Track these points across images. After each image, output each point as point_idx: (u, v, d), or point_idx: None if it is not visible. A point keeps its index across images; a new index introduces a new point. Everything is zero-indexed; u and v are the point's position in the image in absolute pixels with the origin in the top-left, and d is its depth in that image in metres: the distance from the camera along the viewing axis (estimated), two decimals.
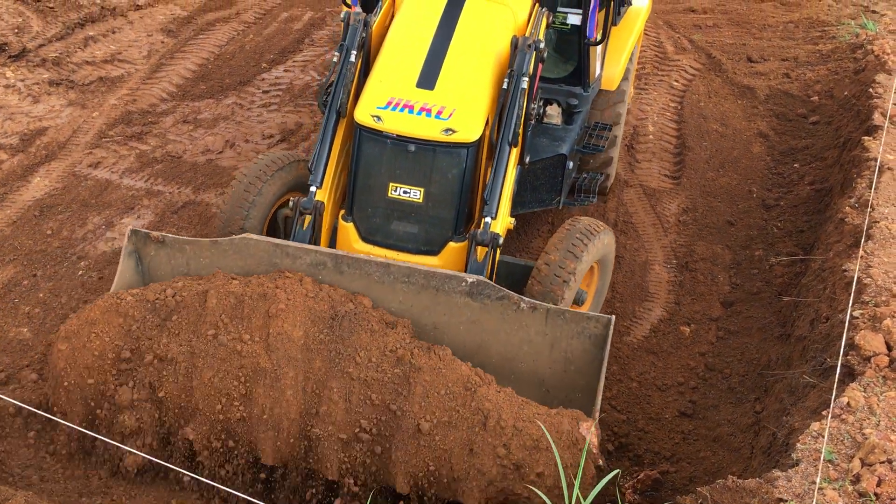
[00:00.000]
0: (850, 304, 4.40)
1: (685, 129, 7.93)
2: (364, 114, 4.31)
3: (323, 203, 4.37)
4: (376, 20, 4.70)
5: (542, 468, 3.59)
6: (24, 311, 5.34)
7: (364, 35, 4.52)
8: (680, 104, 8.44)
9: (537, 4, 4.88)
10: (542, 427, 3.59)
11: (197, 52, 8.77)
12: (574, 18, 5.18)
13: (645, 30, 10.14)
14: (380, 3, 4.87)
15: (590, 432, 3.66)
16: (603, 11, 5.25)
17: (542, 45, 4.49)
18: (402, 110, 4.28)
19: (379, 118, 4.27)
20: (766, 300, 5.88)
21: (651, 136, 7.81)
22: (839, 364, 4.02)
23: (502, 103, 4.38)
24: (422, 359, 3.78)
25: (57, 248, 5.87)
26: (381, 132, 4.27)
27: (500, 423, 3.62)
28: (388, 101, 4.31)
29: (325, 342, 3.78)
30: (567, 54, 5.35)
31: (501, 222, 4.38)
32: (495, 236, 4.22)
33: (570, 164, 5.38)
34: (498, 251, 4.29)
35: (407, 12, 4.72)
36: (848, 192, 5.94)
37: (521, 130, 4.44)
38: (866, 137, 6.50)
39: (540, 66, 4.56)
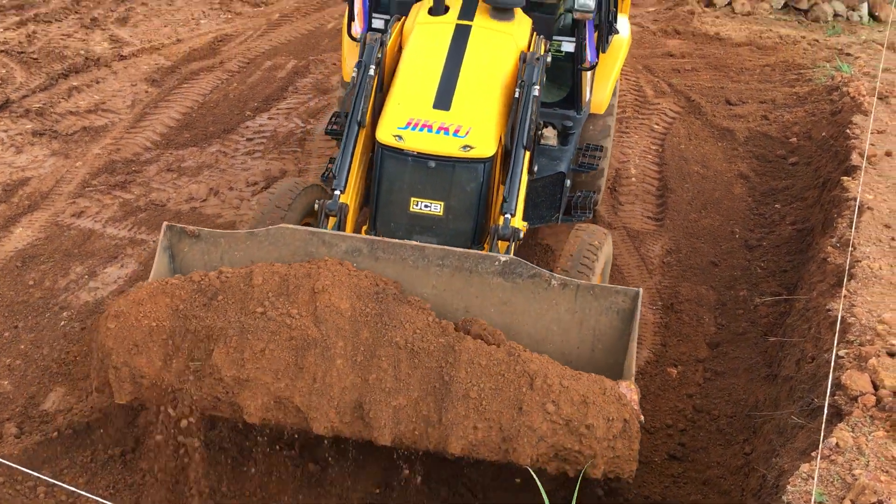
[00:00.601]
0: (836, 344, 4.41)
1: (667, 171, 8.01)
2: (386, 134, 4.62)
3: (347, 205, 4.56)
4: (389, 41, 5.06)
5: (592, 420, 3.71)
6: (4, 364, 5.27)
7: (380, 54, 4.89)
8: (661, 147, 8.54)
9: (535, 33, 5.32)
10: (588, 382, 3.78)
11: (181, 101, 8.82)
12: (568, 46, 5.62)
13: (625, 74, 10.31)
14: (388, 31, 5.21)
15: (630, 390, 3.86)
16: (599, 38, 5.73)
17: (548, 59, 5.00)
18: (421, 130, 4.60)
19: (400, 137, 4.58)
20: (751, 340, 5.89)
21: (633, 179, 7.89)
22: (826, 404, 4.01)
23: (515, 111, 4.74)
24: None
25: (39, 299, 5.81)
26: (403, 150, 4.58)
27: (546, 381, 3.74)
28: (407, 121, 4.64)
29: (371, 314, 3.85)
30: (561, 80, 5.76)
31: (517, 222, 4.61)
32: (516, 230, 4.47)
33: (568, 182, 5.73)
34: (517, 245, 4.50)
35: (417, 41, 5.10)
36: (829, 231, 6.00)
37: (533, 136, 4.80)
38: (845, 178, 6.59)
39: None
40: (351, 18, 5.73)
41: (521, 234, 4.55)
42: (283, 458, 4.41)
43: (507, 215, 4.51)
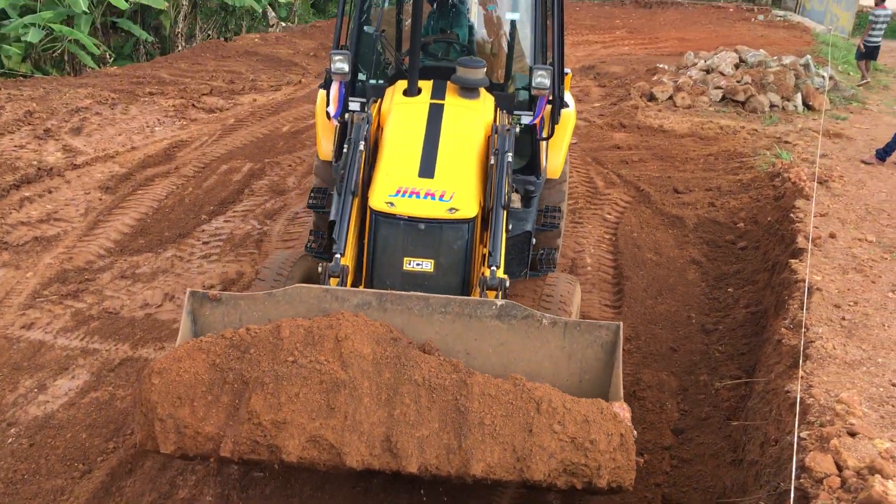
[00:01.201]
0: (797, 426, 4.42)
1: (621, 259, 8.14)
2: (378, 201, 5.01)
3: (347, 267, 4.95)
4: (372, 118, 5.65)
5: (594, 436, 4.11)
6: None
7: (367, 131, 5.41)
8: (614, 235, 8.70)
9: (498, 108, 5.93)
10: (587, 404, 4.18)
11: (135, 207, 8.80)
12: (526, 119, 6.19)
13: (575, 167, 10.58)
14: (369, 112, 5.73)
15: (622, 409, 4.27)
16: (548, 112, 6.24)
17: (517, 130, 5.63)
18: (410, 196, 5.03)
19: (392, 204, 4.98)
20: (715, 425, 5.88)
21: (589, 268, 7.99)
22: (793, 488, 4.00)
23: (492, 176, 5.24)
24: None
25: None
26: (395, 215, 4.97)
27: (551, 405, 4.14)
28: (397, 189, 5.07)
29: (391, 357, 4.24)
30: (522, 150, 6.27)
31: (501, 273, 4.96)
32: (502, 280, 4.83)
33: (534, 241, 6.30)
34: (503, 294, 4.84)
35: (397, 119, 5.64)
36: (782, 313, 6.10)
37: (508, 197, 5.23)
38: (793, 260, 6.76)
39: None
40: (328, 103, 6.11)
41: (507, 284, 4.87)
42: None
43: (493, 267, 4.87)
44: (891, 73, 18.13)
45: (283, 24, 22.87)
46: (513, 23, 6.68)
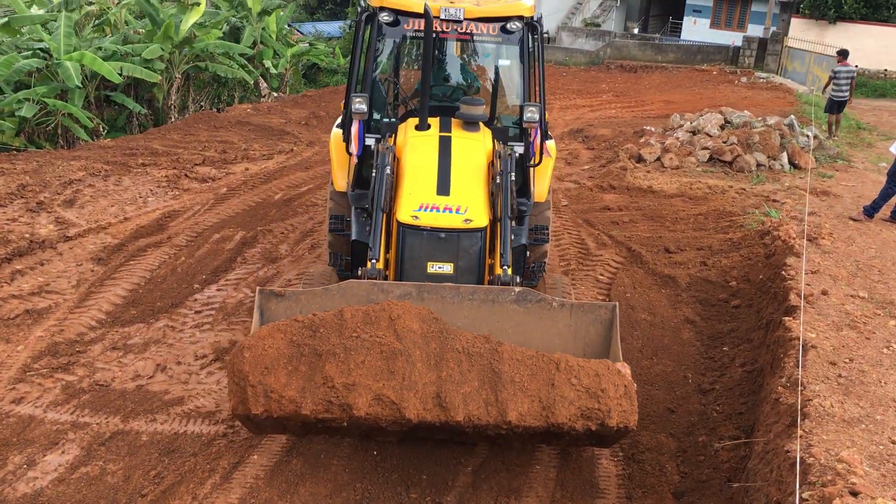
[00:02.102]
0: (798, 487, 4.36)
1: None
2: (405, 215, 5.96)
3: (382, 270, 5.88)
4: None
5: (605, 385, 5.01)
6: None
7: (390, 159, 6.39)
8: (607, 296, 8.71)
9: (495, 139, 6.91)
10: (596, 363, 5.08)
11: (128, 277, 8.78)
12: (519, 149, 7.11)
13: (566, 228, 10.64)
14: (390, 144, 6.73)
15: (624, 366, 5.17)
16: (538, 142, 7.16)
17: (516, 155, 6.71)
18: (431, 210, 5.99)
19: (416, 217, 5.94)
20: (716, 487, 5.79)
21: None
22: None
23: (498, 193, 6.19)
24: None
25: None
26: (420, 227, 5.92)
27: (568, 364, 5.05)
28: (419, 205, 6.02)
29: (435, 332, 5.10)
30: (515, 176, 6.93)
31: (510, 272, 5.93)
32: (513, 277, 5.84)
33: (528, 254, 7.40)
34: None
35: (413, 149, 6.60)
36: (778, 372, 6.07)
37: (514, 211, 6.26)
38: (787, 318, 6.75)
39: None
40: (347, 140, 7.05)
41: (518, 280, 5.84)
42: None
43: (504, 267, 5.91)
44: (874, 131, 18.44)
45: (275, 95, 23.23)
46: (497, 69, 7.94)
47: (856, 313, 7.09)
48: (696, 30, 35.34)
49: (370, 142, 7.11)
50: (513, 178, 6.32)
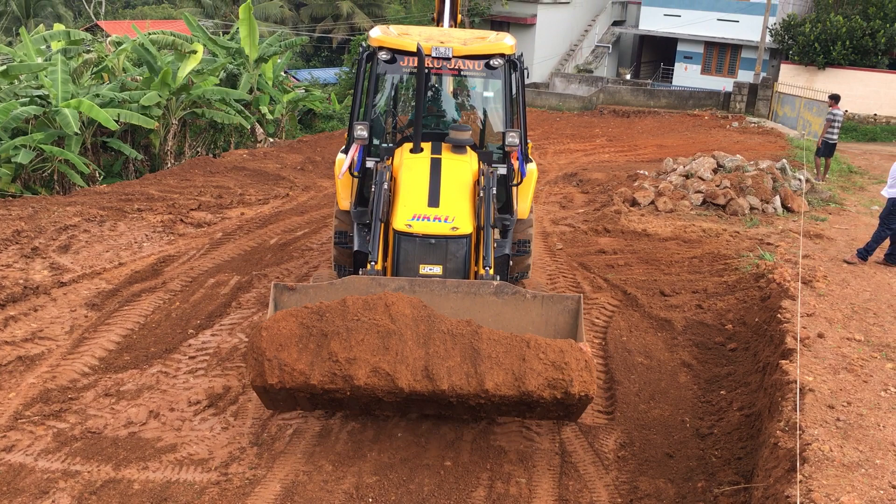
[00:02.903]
0: None
1: (612, 363, 8.09)
2: (400, 224, 6.82)
3: (381, 271, 6.80)
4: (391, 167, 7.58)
5: (568, 360, 5.80)
6: None
7: (388, 177, 7.26)
8: (604, 340, 8.68)
9: (481, 161, 7.75)
10: (561, 342, 5.88)
11: (121, 323, 8.73)
12: (502, 170, 8.04)
13: (562, 272, 10.65)
14: (388, 165, 7.56)
15: (585, 345, 6.04)
16: (517, 164, 7.97)
17: (498, 173, 7.67)
18: (423, 220, 6.84)
19: (410, 226, 6.79)
20: None
21: None
22: None
23: (482, 205, 7.05)
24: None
25: None
26: (413, 234, 6.77)
27: (537, 342, 5.85)
28: (412, 215, 6.87)
29: (423, 316, 5.91)
30: (499, 196, 8.02)
31: (492, 272, 6.84)
32: (494, 276, 6.76)
33: (511, 262, 8.24)
34: None
35: (408, 169, 7.43)
36: (776, 416, 6.03)
37: (493, 219, 7.10)
38: (783, 361, 6.73)
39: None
40: (351, 162, 7.85)
41: (497, 279, 6.67)
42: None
43: (487, 268, 6.81)
44: (865, 174, 18.61)
45: (271, 140, 23.39)
46: (486, 99, 9.03)
47: (852, 356, 7.08)
48: (687, 76, 35.83)
49: (370, 164, 7.97)
50: (494, 192, 7.17)
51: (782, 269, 9.59)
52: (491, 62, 8.03)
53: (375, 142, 8.45)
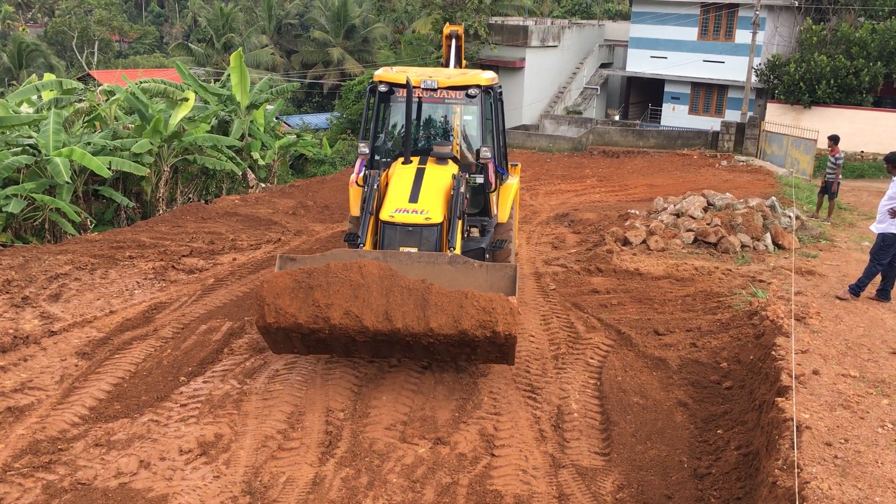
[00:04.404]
0: None
1: (607, 404, 8.04)
2: (385, 215, 8.55)
3: (368, 251, 8.17)
4: (381, 177, 9.24)
5: (495, 306, 7.23)
6: None
7: (377, 183, 8.95)
8: (598, 380, 8.62)
9: (460, 170, 9.45)
10: (493, 294, 7.36)
11: (112, 371, 8.65)
12: (480, 179, 9.84)
13: (555, 312, 10.63)
14: (380, 174, 9.23)
15: (514, 298, 7.58)
16: (495, 174, 9.95)
17: (469, 177, 9.53)
18: (403, 212, 8.53)
19: (393, 216, 8.51)
20: None
21: (576, 414, 7.87)
22: None
23: (453, 201, 8.74)
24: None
25: None
26: (395, 223, 8.49)
27: (473, 294, 7.31)
28: (395, 209, 8.58)
29: (387, 275, 7.38)
30: (478, 201, 10.06)
31: (457, 251, 8.54)
32: (458, 255, 8.17)
33: (487, 256, 9.78)
34: None
35: (397, 175, 9.14)
36: (774, 454, 5.98)
37: (462, 212, 8.80)
38: (779, 398, 6.69)
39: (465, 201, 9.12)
40: (359, 173, 9.72)
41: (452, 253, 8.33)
42: None
43: (451, 249, 8.47)
44: (855, 210, 18.73)
45: (263, 185, 23.47)
46: (466, 122, 10.80)
47: (848, 392, 7.05)
48: (675, 116, 36.23)
49: (364, 173, 9.77)
50: (462, 191, 8.85)
51: (775, 306, 9.59)
52: (469, 91, 9.90)
53: (377, 157, 10.44)
